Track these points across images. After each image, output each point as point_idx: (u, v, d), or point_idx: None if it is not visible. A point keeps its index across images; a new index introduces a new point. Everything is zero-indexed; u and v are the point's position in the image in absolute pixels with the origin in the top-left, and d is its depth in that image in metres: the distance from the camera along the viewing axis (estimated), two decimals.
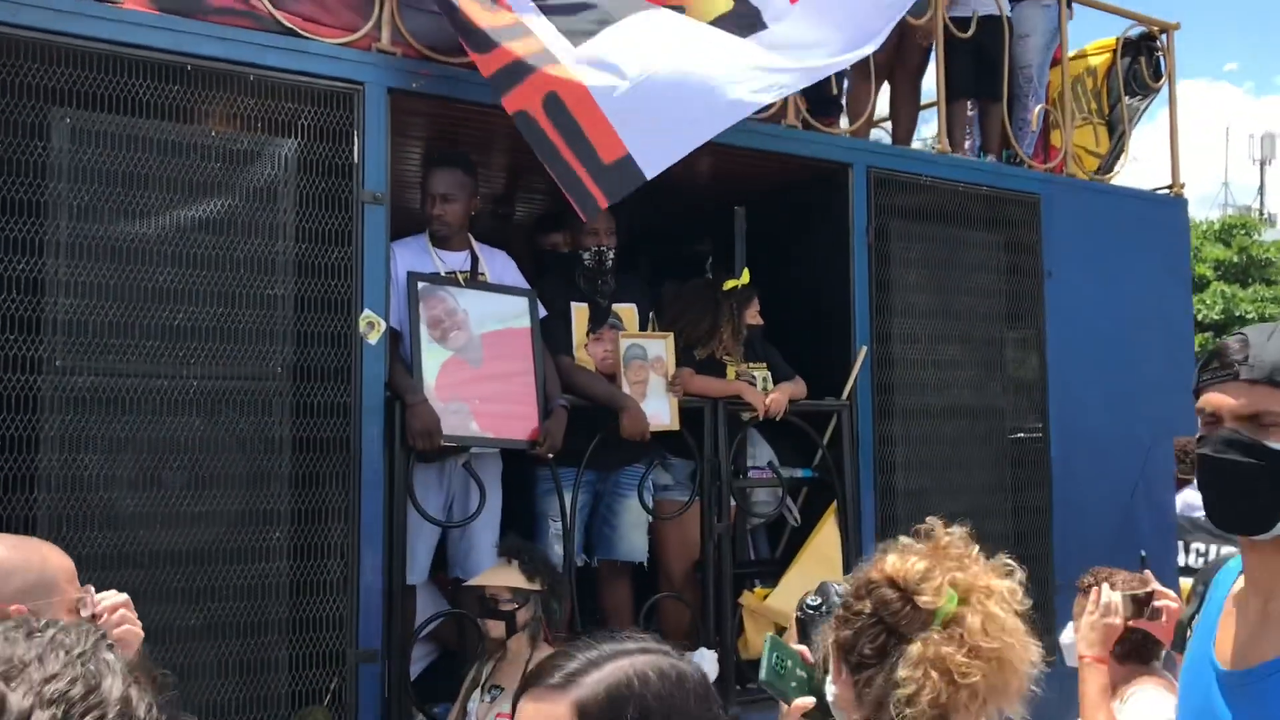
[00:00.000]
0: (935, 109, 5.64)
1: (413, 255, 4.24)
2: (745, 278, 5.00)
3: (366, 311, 3.92)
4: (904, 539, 2.00)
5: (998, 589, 1.91)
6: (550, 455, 4.20)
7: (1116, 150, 6.21)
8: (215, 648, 3.61)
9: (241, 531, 3.68)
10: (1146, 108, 6.42)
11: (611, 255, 4.64)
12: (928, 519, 2.01)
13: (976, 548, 1.97)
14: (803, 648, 2.40)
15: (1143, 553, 4.19)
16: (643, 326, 4.84)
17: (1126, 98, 6.32)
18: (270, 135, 3.81)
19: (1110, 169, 6.15)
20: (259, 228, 3.78)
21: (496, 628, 3.76)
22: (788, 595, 4.65)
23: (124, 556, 3.49)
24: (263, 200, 3.79)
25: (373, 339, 3.92)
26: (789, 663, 2.30)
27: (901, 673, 1.79)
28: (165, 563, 3.54)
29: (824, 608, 2.43)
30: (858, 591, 1.94)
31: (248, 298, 3.74)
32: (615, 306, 4.78)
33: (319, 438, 3.82)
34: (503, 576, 3.76)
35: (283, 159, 3.84)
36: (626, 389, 4.48)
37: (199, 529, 3.61)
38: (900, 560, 1.92)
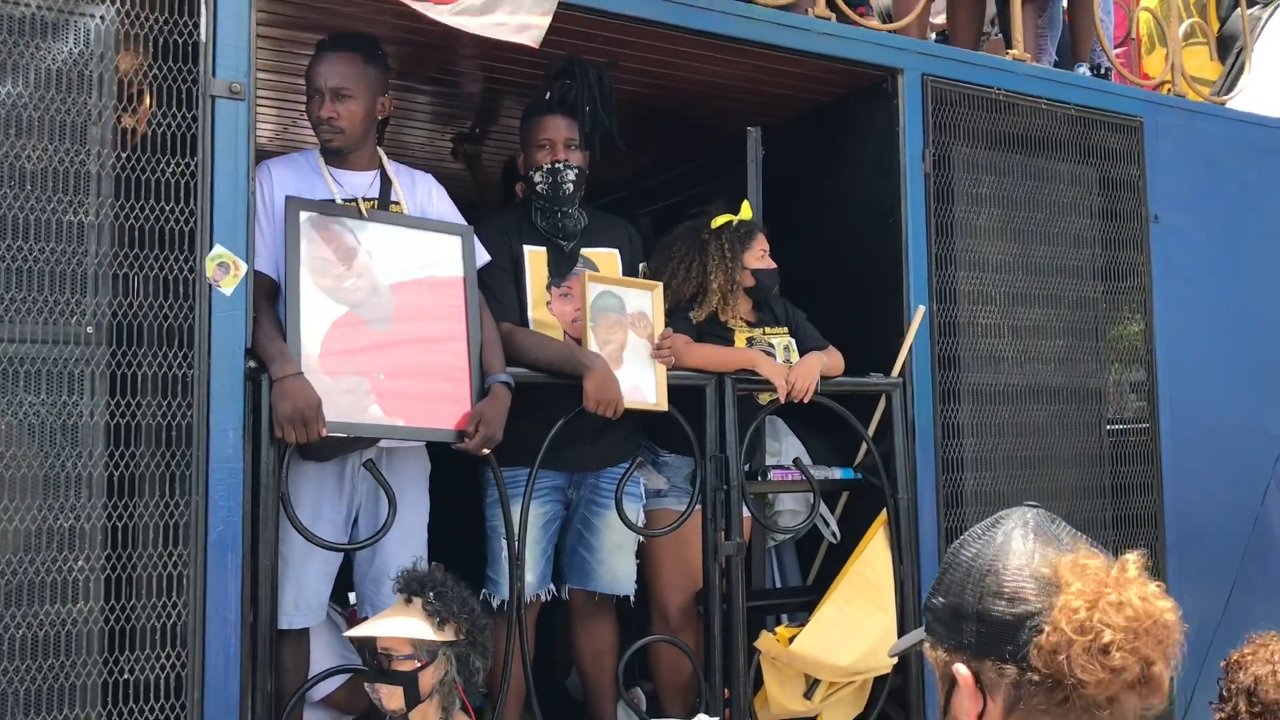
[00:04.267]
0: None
1: (296, 175, 3.11)
2: (745, 211, 3.82)
3: (218, 249, 2.80)
4: None
5: None
6: (486, 450, 3.04)
7: (1235, 67, 4.96)
8: None
9: (31, 559, 2.59)
10: (1270, 16, 5.15)
11: (573, 175, 3.46)
12: None
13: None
14: None
15: None
16: None
17: (1247, 7, 5.06)
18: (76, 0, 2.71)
19: (1229, 89, 4.89)
20: (59, 128, 2.68)
21: (391, 695, 2.61)
22: (821, 636, 3.51)
23: None
24: (65, 89, 2.69)
25: (227, 287, 2.80)
26: None
27: None
28: None
29: None
30: None
31: (41, 226, 2.64)
32: (590, 251, 3.60)
33: (148, 425, 2.72)
34: (399, 623, 2.62)
35: (94, 33, 2.73)
36: (594, 349, 3.31)
37: None
38: None
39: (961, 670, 1.36)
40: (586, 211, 3.61)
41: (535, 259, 3.47)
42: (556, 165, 3.44)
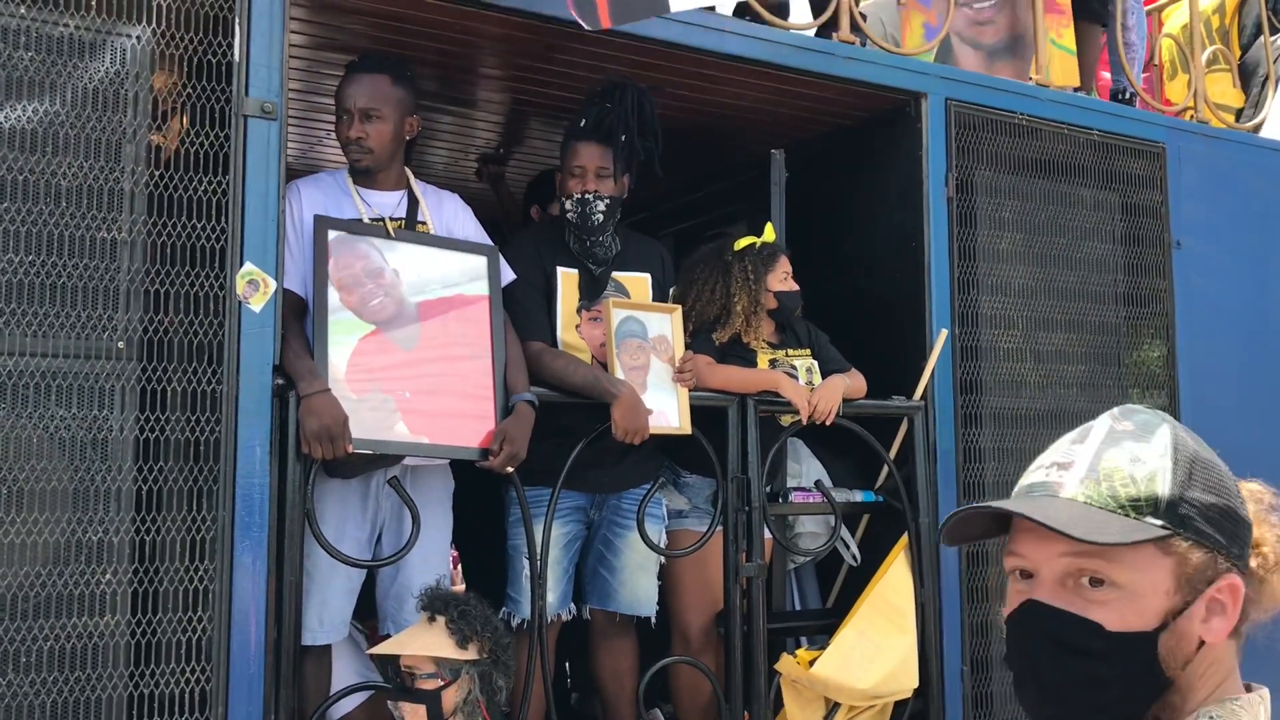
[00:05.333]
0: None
1: (324, 195, 3.14)
2: (768, 233, 3.82)
3: (248, 266, 2.83)
4: None
5: None
6: (510, 469, 3.05)
7: (1260, 93, 4.96)
8: None
9: (60, 572, 2.61)
10: None
11: (603, 206, 3.46)
12: None
13: None
14: None
15: None
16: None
17: (1269, 34, 5.07)
18: (112, 19, 2.75)
19: (1252, 116, 4.89)
20: (94, 145, 2.71)
21: (414, 713, 2.62)
22: (841, 659, 3.50)
23: None
24: (100, 108, 2.73)
25: (256, 304, 2.83)
26: None
27: None
28: None
29: None
30: None
31: (75, 242, 2.67)
32: (621, 275, 3.61)
33: (176, 441, 2.74)
34: (422, 641, 2.63)
35: (130, 53, 2.77)
36: (620, 376, 3.32)
37: None
38: None
39: (1237, 581, 1.21)
40: (621, 233, 3.63)
41: (567, 281, 3.48)
42: (586, 196, 3.45)
